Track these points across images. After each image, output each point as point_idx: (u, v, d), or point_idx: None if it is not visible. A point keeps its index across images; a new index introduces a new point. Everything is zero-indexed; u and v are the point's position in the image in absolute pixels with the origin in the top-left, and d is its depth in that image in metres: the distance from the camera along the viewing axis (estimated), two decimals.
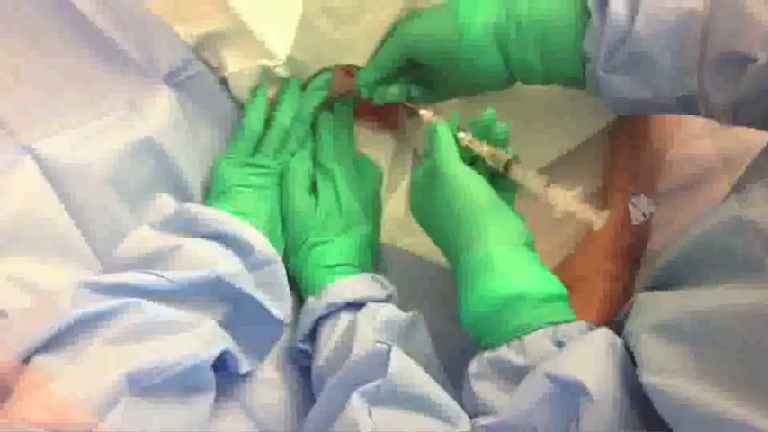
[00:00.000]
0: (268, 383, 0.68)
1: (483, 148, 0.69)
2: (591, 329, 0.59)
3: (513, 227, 0.65)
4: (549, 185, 0.67)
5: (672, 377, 0.49)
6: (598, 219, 0.64)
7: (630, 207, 0.81)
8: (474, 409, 0.60)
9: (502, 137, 0.70)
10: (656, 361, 0.52)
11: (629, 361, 0.55)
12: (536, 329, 0.59)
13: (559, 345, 0.58)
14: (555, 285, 0.62)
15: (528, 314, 0.60)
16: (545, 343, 0.58)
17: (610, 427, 0.51)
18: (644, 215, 0.81)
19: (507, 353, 0.59)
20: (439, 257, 0.71)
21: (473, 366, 0.61)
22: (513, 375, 0.58)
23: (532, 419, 0.54)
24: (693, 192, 0.83)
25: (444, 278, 0.75)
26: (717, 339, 0.48)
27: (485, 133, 0.69)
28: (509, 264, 0.62)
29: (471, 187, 0.66)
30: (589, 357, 0.55)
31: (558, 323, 0.60)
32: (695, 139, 0.84)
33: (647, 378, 0.51)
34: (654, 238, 0.83)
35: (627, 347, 0.56)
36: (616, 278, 0.80)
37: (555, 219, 0.67)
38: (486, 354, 0.60)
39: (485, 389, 0.59)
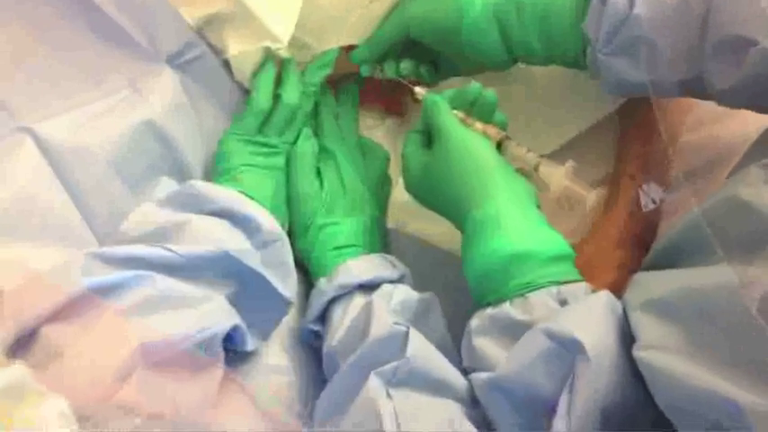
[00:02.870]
0: (273, 368, 0.68)
1: (476, 125, 0.69)
2: (594, 292, 0.59)
3: (522, 187, 0.65)
4: (540, 162, 0.68)
5: (661, 353, 0.49)
6: (591, 195, 0.64)
7: (641, 194, 0.80)
8: (472, 365, 0.60)
9: (491, 106, 0.70)
10: (647, 337, 0.51)
11: (628, 326, 0.54)
12: (541, 288, 0.59)
13: (563, 304, 0.58)
14: (562, 245, 0.62)
15: (534, 272, 0.60)
16: (549, 302, 0.58)
17: (605, 388, 0.51)
18: (654, 202, 0.80)
19: (510, 309, 0.59)
20: (446, 243, 0.71)
21: (474, 322, 0.61)
22: (515, 332, 0.58)
23: (529, 376, 0.54)
24: (704, 178, 0.81)
25: (450, 264, 0.74)
26: (706, 317, 0.48)
27: (473, 105, 0.70)
28: (517, 221, 0.62)
29: (479, 147, 0.66)
30: (589, 317, 0.55)
31: (563, 283, 0.59)
32: (705, 125, 0.82)
33: (637, 352, 0.51)
34: (663, 226, 0.81)
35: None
36: (625, 265, 0.78)
37: (555, 212, 0.67)
38: (489, 310, 0.60)
39: (484, 344, 0.59)
